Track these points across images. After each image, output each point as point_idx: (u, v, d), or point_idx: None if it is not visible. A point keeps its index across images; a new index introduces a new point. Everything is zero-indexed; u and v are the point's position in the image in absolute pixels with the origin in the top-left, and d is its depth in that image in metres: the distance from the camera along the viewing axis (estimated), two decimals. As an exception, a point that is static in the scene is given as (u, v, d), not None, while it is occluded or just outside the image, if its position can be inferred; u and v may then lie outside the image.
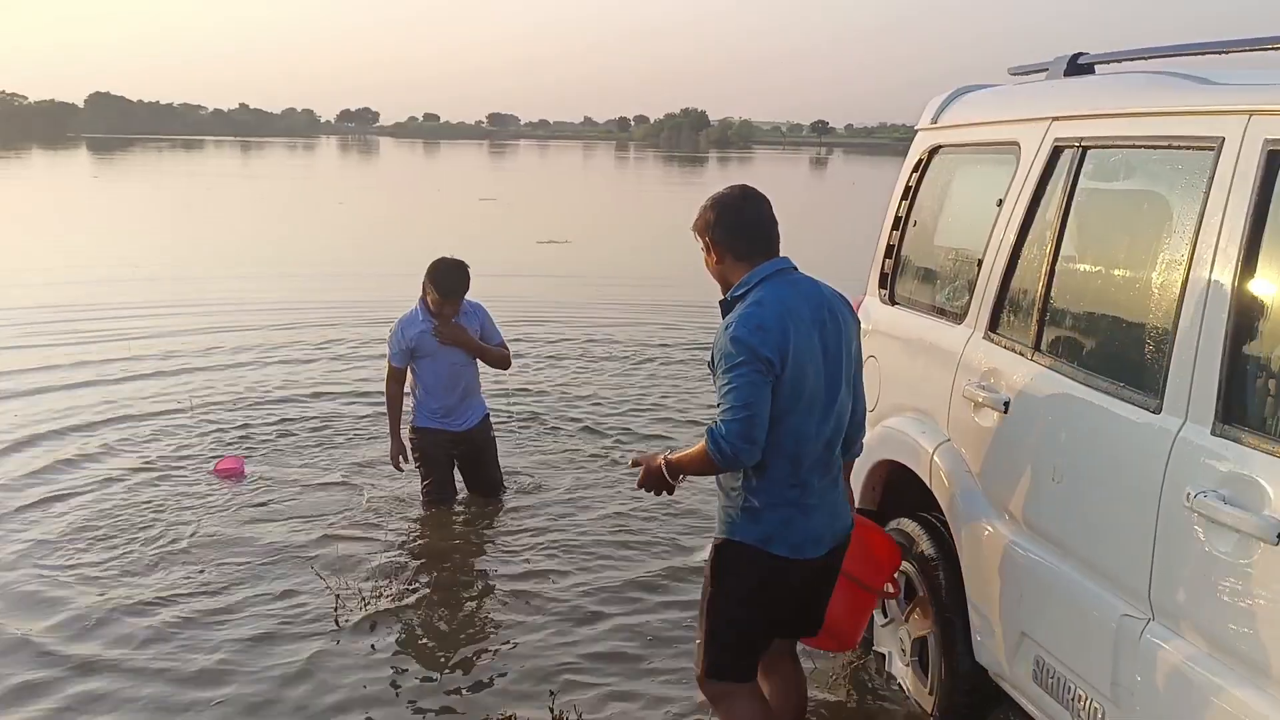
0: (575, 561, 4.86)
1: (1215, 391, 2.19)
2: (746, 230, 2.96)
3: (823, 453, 2.90)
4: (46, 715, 3.55)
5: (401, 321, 5.27)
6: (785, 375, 2.76)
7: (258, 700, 3.66)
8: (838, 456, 2.99)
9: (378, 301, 10.87)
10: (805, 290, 2.92)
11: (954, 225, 3.72)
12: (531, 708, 3.60)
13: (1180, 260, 2.36)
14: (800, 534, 2.88)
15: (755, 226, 2.98)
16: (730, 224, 2.96)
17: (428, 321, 5.20)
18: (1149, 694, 2.30)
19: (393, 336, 5.29)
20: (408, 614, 4.30)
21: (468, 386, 5.39)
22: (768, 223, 2.99)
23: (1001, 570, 2.90)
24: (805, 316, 2.85)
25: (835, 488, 3.00)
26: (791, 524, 2.87)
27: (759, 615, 2.96)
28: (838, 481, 3.02)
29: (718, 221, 2.97)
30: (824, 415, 2.87)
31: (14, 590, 4.44)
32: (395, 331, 5.28)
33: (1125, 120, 2.73)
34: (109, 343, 9.42)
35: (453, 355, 5.27)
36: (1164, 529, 2.26)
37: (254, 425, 6.97)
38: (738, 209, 2.99)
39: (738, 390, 2.73)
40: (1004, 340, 3.06)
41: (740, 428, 2.72)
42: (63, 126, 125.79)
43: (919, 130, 3.90)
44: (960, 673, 3.15)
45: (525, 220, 24.35)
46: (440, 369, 5.26)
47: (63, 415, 7.07)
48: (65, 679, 3.75)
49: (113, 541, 4.98)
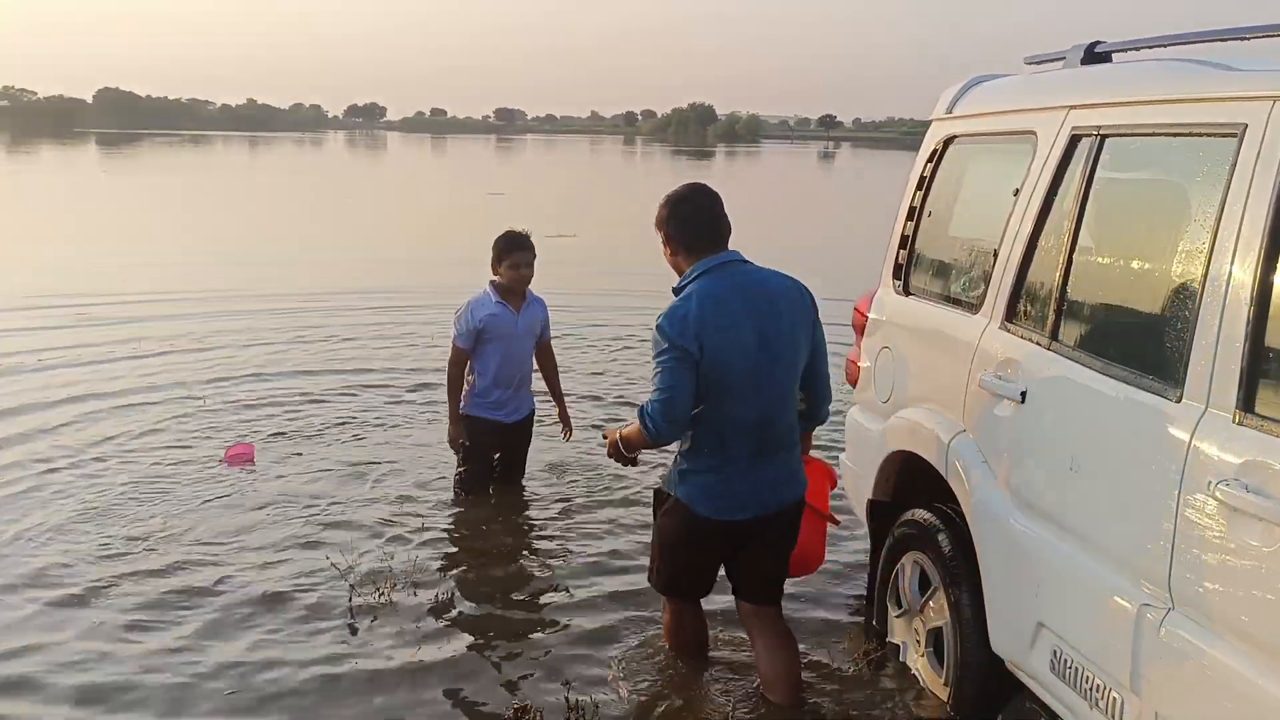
0: (592, 552, 4.85)
1: (1237, 380, 2.18)
2: (694, 226, 3.31)
3: (754, 429, 3.25)
4: (53, 707, 3.54)
5: (471, 303, 5.21)
6: (705, 360, 3.14)
7: (269, 688, 3.66)
8: (779, 434, 3.31)
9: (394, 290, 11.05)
10: (742, 282, 3.26)
11: (969, 215, 3.71)
12: (546, 699, 3.59)
13: (1201, 248, 2.35)
14: (721, 499, 3.30)
15: (703, 222, 3.32)
16: (681, 219, 3.32)
17: (501, 304, 5.17)
18: (1169, 683, 2.30)
19: (460, 317, 5.20)
20: (421, 603, 4.29)
21: (524, 377, 5.37)
22: (715, 218, 3.33)
23: (1018, 560, 2.89)
24: (736, 308, 3.20)
25: (771, 462, 3.33)
26: (713, 489, 3.30)
27: (688, 555, 3.48)
28: (776, 457, 3.33)
29: (670, 217, 3.33)
30: (754, 396, 3.22)
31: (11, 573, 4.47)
32: (464, 313, 5.19)
33: (1144, 108, 2.72)
34: (121, 325, 9.57)
35: (521, 342, 5.27)
36: (1184, 518, 2.25)
37: (265, 412, 7.01)
38: (688, 205, 3.33)
39: (660, 375, 3.16)
40: (1020, 330, 3.05)
41: (661, 407, 3.17)
42: (70, 122, 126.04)
43: (933, 120, 3.89)
44: (976, 663, 3.14)
45: (533, 214, 24.33)
46: (508, 354, 5.22)
47: (76, 399, 7.17)
48: (64, 672, 3.73)
49: (117, 527, 4.99)
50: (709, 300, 3.19)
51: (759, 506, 3.34)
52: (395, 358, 8.78)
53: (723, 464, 3.28)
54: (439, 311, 10.41)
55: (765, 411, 3.25)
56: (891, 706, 3.56)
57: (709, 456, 3.29)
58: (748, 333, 3.19)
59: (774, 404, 3.27)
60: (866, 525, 3.98)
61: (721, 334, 3.15)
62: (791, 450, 3.41)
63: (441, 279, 11.67)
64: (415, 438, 6.57)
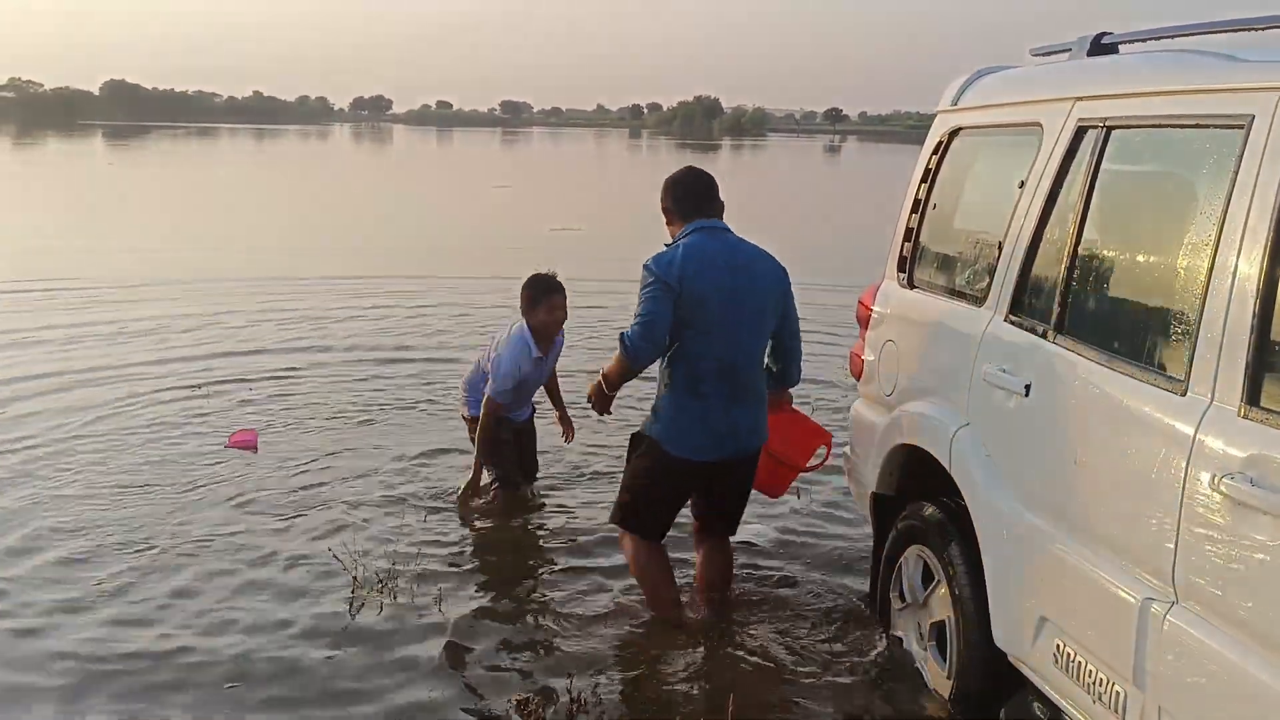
0: (594, 547, 4.84)
1: (1242, 373, 2.17)
2: (688, 197, 3.84)
3: (722, 375, 3.69)
4: (55, 703, 3.53)
5: (513, 353, 5.01)
6: (683, 297, 3.59)
7: (267, 680, 3.65)
8: (744, 383, 3.76)
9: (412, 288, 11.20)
10: (726, 245, 3.75)
11: (975, 207, 3.69)
12: (548, 691, 3.59)
13: (1207, 240, 2.33)
14: (690, 439, 3.74)
15: (697, 193, 3.85)
16: (677, 194, 3.85)
17: (540, 357, 5.11)
18: (1172, 677, 2.29)
19: (501, 370, 5.00)
20: (423, 595, 4.29)
21: (533, 392, 5.46)
22: (707, 192, 3.85)
23: (1021, 554, 2.88)
24: (719, 262, 3.68)
25: (742, 410, 3.77)
26: (684, 430, 3.74)
27: (651, 491, 3.86)
28: (743, 407, 3.77)
29: (668, 193, 3.86)
30: (721, 341, 3.67)
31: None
32: (507, 366, 4.99)
33: (1151, 99, 2.70)
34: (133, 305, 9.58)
35: (541, 378, 5.30)
36: (1189, 511, 2.24)
37: (270, 400, 7.06)
38: (683, 182, 3.87)
39: (643, 302, 3.61)
40: (1025, 323, 3.04)
41: (642, 329, 3.61)
42: (76, 114, 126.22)
43: (939, 112, 3.87)
44: (979, 657, 3.13)
45: (538, 207, 24.35)
46: (526, 388, 5.24)
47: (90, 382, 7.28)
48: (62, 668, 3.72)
49: (123, 514, 5.00)
50: (694, 250, 3.68)
51: (724, 450, 3.77)
52: (401, 353, 8.79)
53: (695, 408, 3.72)
54: (444, 308, 10.49)
55: (731, 358, 3.70)
56: (894, 700, 3.55)
57: (682, 400, 3.73)
58: (723, 283, 3.66)
59: (739, 354, 3.73)
60: (870, 519, 3.97)
61: (700, 279, 3.62)
62: (758, 403, 3.85)
63: (455, 272, 11.78)
64: (421, 431, 6.57)
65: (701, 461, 3.76)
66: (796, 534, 5.01)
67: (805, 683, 3.69)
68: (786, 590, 4.42)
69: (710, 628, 4.04)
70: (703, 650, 3.89)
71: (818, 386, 7.63)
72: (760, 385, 3.85)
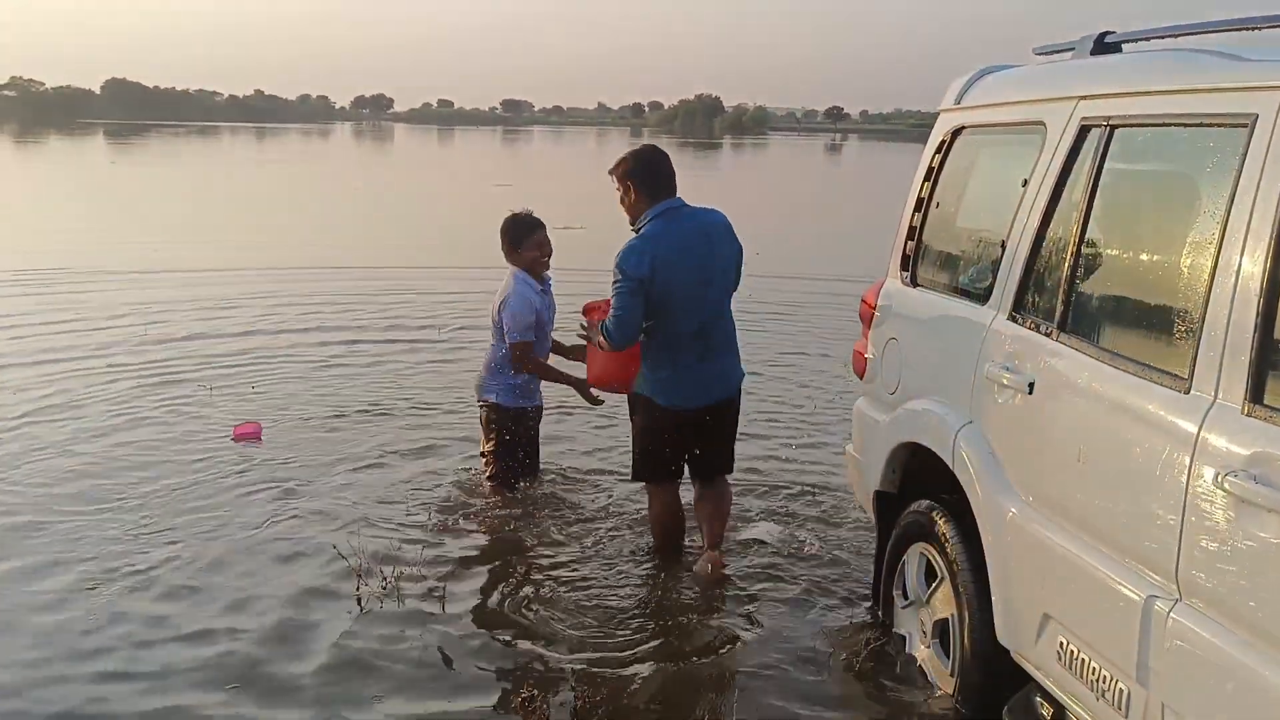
0: (600, 536, 4.87)
1: (1246, 371, 2.17)
2: (659, 180, 4.25)
3: (695, 339, 4.23)
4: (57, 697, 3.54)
5: (516, 296, 4.95)
6: (656, 287, 4.09)
7: (273, 673, 3.67)
8: (716, 342, 4.30)
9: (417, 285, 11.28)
10: (687, 225, 4.22)
11: (978, 206, 3.69)
12: (553, 687, 3.60)
13: (1211, 239, 2.34)
14: (678, 391, 4.29)
15: (661, 173, 4.27)
16: (643, 170, 4.25)
17: (542, 291, 5.06)
18: (1175, 674, 2.29)
19: (511, 313, 4.93)
20: (427, 588, 4.31)
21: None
22: (669, 172, 4.28)
23: (1025, 552, 2.89)
24: (684, 243, 4.16)
25: (711, 364, 4.31)
26: (669, 384, 4.29)
27: (653, 439, 4.38)
28: (716, 360, 4.32)
29: (635, 168, 4.25)
30: (695, 310, 4.20)
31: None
32: (515, 308, 4.93)
33: (1154, 98, 2.70)
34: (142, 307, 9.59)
35: (550, 326, 5.21)
36: (1192, 509, 2.24)
37: (275, 390, 7.13)
38: (650, 160, 4.29)
39: (616, 300, 4.14)
40: (1028, 321, 3.04)
41: (616, 325, 4.17)
42: (77, 112, 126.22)
43: (941, 111, 3.87)
44: (982, 654, 3.14)
45: (540, 206, 24.29)
46: (540, 340, 5.12)
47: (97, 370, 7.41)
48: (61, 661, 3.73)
49: (124, 505, 5.04)
50: (660, 239, 4.15)
51: (711, 397, 4.35)
52: (414, 344, 8.83)
53: (674, 367, 4.26)
54: (449, 306, 10.51)
55: (703, 320, 4.23)
56: (897, 698, 3.56)
57: (664, 362, 4.27)
58: (690, 264, 4.15)
59: (709, 315, 4.26)
60: (872, 517, 3.98)
61: (668, 268, 4.10)
62: (729, 354, 4.39)
63: (457, 272, 11.83)
64: (428, 423, 6.59)
65: (692, 408, 4.31)
66: (799, 532, 5.02)
67: (808, 680, 3.70)
68: (789, 588, 4.43)
69: (715, 583, 4.39)
70: (705, 646, 3.90)
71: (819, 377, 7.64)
72: (731, 331, 4.40)
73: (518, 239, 5.06)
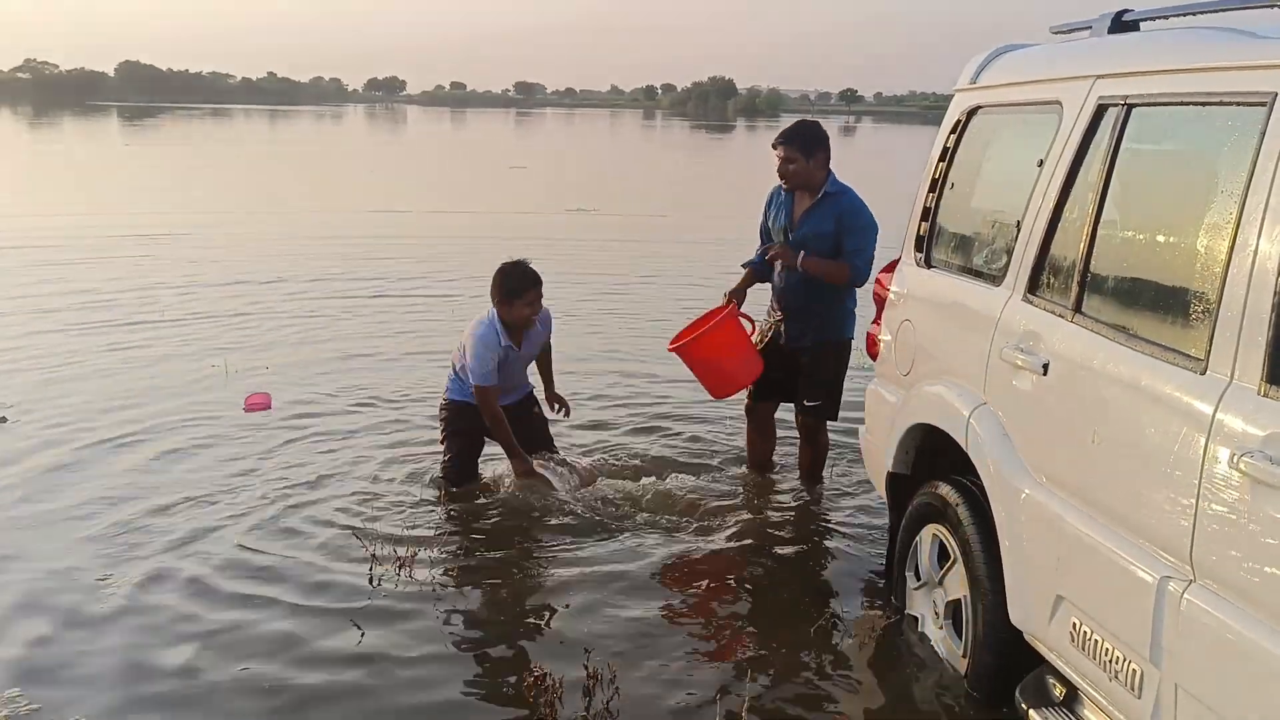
0: (609, 524, 4.86)
1: (1263, 352, 2.16)
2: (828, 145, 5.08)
3: None
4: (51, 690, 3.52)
5: (480, 343, 4.89)
6: None
7: (283, 658, 3.67)
8: None
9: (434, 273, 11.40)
10: None
11: (993, 187, 3.68)
12: (565, 666, 3.60)
13: (1228, 219, 2.32)
14: None
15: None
16: (828, 139, 5.05)
17: (509, 346, 4.96)
18: (1189, 655, 2.29)
19: (475, 358, 4.89)
20: (439, 572, 4.32)
21: (518, 382, 5.28)
22: None
23: (1038, 533, 2.89)
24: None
25: None
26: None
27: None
28: None
29: (828, 141, 5.04)
30: None
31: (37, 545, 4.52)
32: (479, 355, 4.88)
33: (1172, 77, 2.68)
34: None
35: (522, 365, 5.18)
36: (1207, 490, 2.24)
37: (287, 372, 7.12)
38: (826, 135, 5.08)
39: (870, 246, 4.92)
40: (1043, 302, 3.03)
41: (870, 267, 4.81)
42: (91, 94, 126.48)
43: (957, 91, 3.85)
44: (995, 635, 3.14)
45: (554, 188, 24.34)
46: (506, 376, 5.06)
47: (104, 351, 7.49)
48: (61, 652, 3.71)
49: (126, 497, 5.04)
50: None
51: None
52: (427, 334, 8.86)
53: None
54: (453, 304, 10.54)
55: None
56: (910, 678, 3.57)
57: (853, 303, 5.12)
58: None
59: None
60: (885, 497, 3.98)
61: None
62: None
63: (475, 258, 11.84)
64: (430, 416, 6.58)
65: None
66: (813, 514, 5.02)
67: (821, 661, 3.71)
68: (802, 569, 4.44)
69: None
70: (717, 629, 3.91)
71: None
72: None
73: (514, 292, 4.92)
